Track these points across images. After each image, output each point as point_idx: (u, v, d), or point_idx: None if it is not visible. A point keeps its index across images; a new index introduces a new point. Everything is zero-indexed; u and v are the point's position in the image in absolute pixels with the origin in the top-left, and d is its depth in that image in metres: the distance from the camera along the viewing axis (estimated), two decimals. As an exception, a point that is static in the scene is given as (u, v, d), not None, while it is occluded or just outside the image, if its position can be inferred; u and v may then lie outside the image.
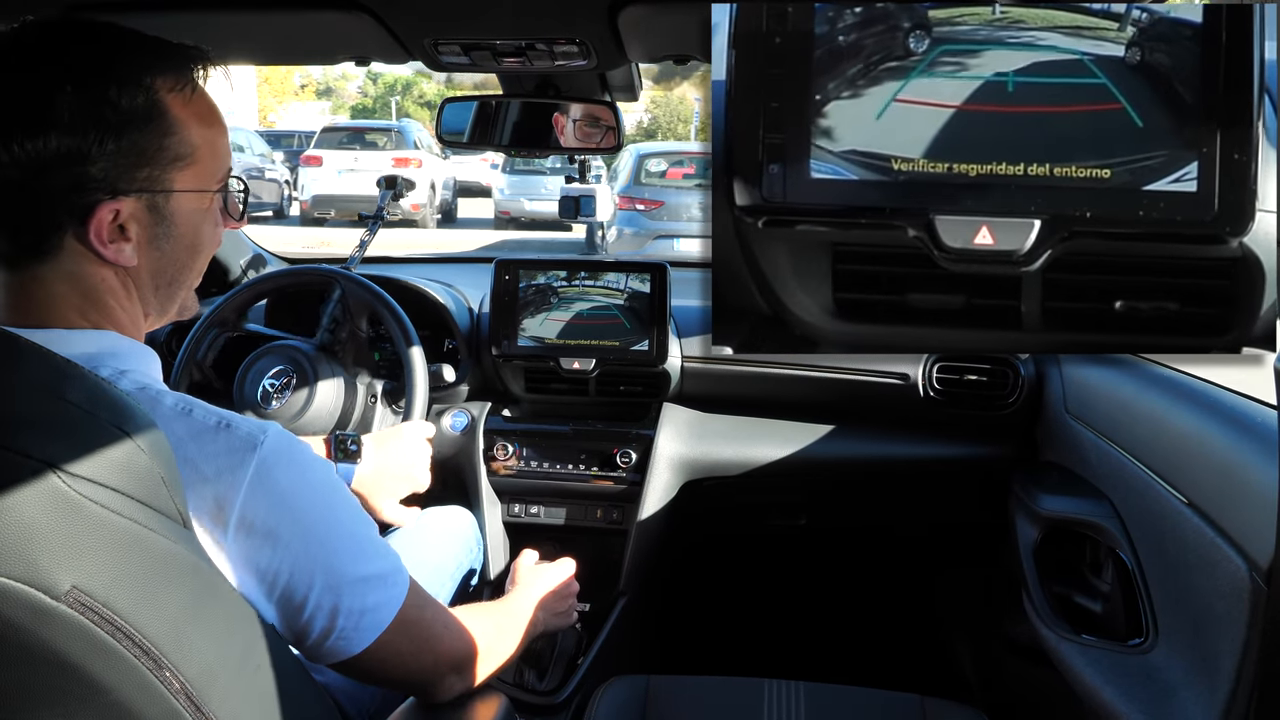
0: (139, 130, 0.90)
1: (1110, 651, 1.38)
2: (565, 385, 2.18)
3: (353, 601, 0.95)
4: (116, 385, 0.85)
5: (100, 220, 0.89)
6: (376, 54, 1.57)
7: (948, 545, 2.43)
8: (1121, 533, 1.45)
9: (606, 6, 1.28)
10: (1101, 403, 1.69)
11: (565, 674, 1.89)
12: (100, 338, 0.92)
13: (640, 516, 2.05)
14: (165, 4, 1.29)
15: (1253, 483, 1.13)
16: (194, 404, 0.90)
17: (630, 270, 2.10)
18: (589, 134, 1.83)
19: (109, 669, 0.69)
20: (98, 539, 0.68)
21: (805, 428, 2.14)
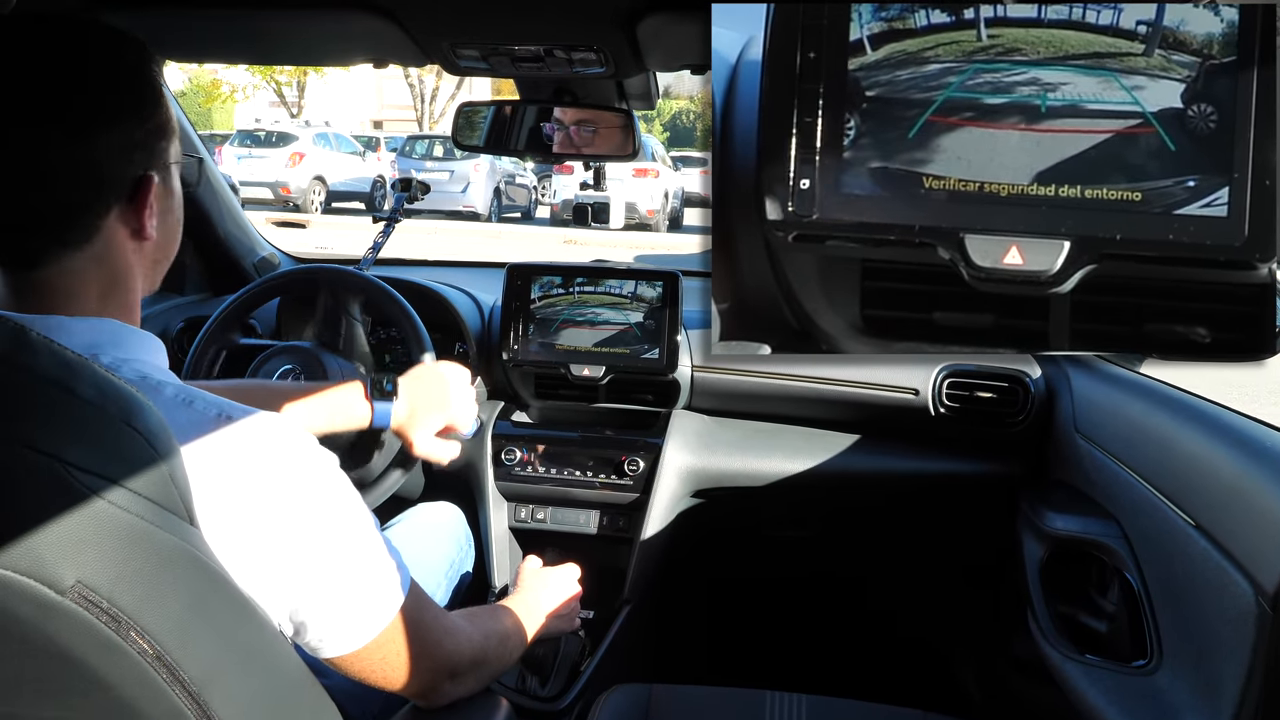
0: (158, 104, 0.94)
1: (1114, 672, 1.37)
2: (575, 392, 2.18)
3: (349, 597, 0.95)
4: (117, 374, 0.86)
5: (146, 193, 0.93)
6: (395, 57, 1.58)
7: (953, 561, 2.42)
8: (1128, 553, 1.45)
9: (625, 16, 1.28)
10: (1111, 422, 1.68)
11: (568, 681, 1.89)
12: (101, 325, 0.91)
13: (646, 525, 2.05)
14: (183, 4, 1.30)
15: (1261, 506, 1.12)
16: (195, 395, 0.90)
17: (642, 278, 2.10)
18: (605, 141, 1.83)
19: (112, 665, 0.69)
20: (103, 534, 0.68)
21: (813, 440, 2.14)
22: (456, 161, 15.45)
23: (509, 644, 1.30)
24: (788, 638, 2.60)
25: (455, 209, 15.39)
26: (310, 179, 16.34)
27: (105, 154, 0.89)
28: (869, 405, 2.07)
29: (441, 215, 15.07)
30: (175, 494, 0.76)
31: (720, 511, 2.22)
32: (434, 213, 14.96)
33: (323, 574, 0.92)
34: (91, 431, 0.70)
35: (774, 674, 2.36)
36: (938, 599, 2.56)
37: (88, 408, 0.70)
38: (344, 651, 0.97)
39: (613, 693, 1.51)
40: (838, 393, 2.08)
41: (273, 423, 0.91)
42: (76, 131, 0.87)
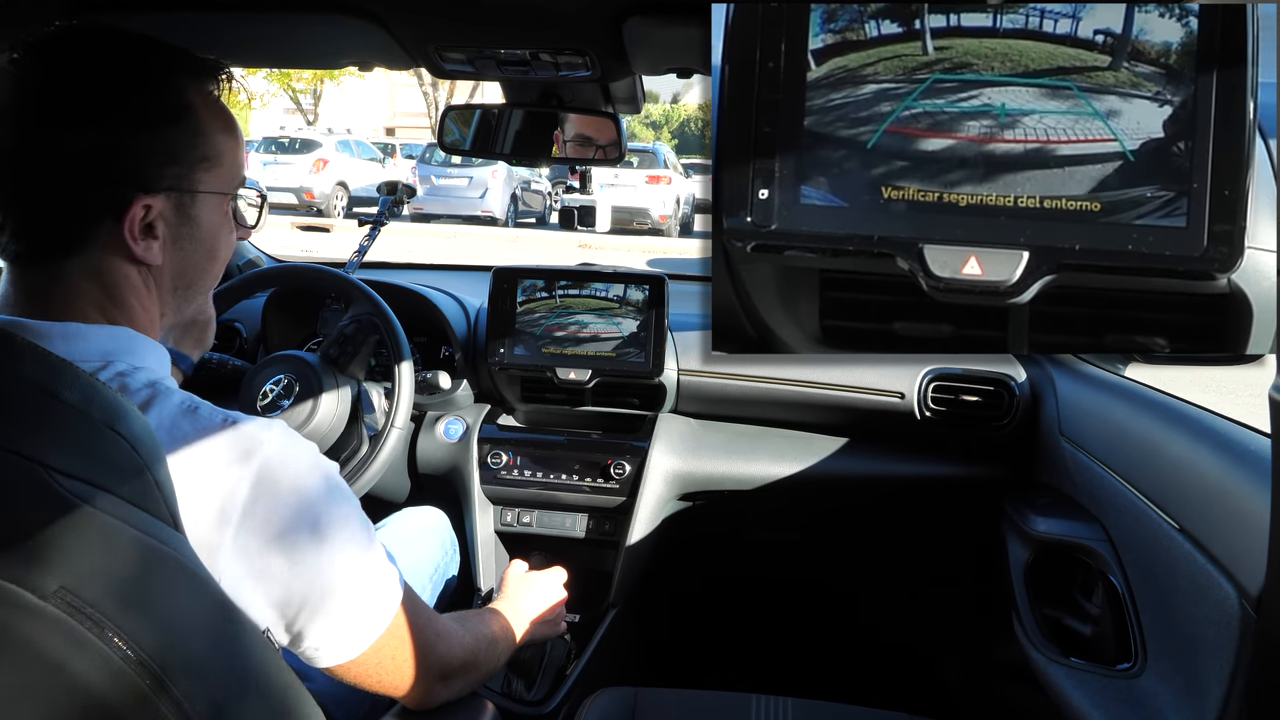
0: (170, 127, 0.94)
1: (1099, 675, 1.38)
2: (561, 395, 2.18)
3: (348, 605, 0.95)
4: (129, 381, 0.88)
5: (134, 214, 0.92)
6: (381, 60, 1.58)
7: (939, 564, 2.43)
8: (1113, 556, 1.45)
9: (610, 18, 1.28)
10: (1095, 426, 1.69)
11: (553, 685, 1.89)
12: (117, 334, 0.93)
13: (632, 529, 2.05)
14: (169, 5, 1.30)
15: (1244, 509, 1.13)
16: (200, 403, 0.91)
17: (629, 281, 2.10)
18: (591, 145, 1.83)
19: (95, 670, 0.68)
20: (87, 539, 0.67)
21: (800, 443, 2.14)
22: (475, 168, 15.72)
23: (497, 648, 1.30)
24: (773, 641, 2.61)
25: (474, 214, 15.78)
26: (333, 184, 16.74)
27: (92, 170, 0.90)
28: (855, 409, 2.08)
29: (460, 220, 15.55)
30: (160, 499, 0.75)
31: (706, 515, 2.22)
32: (453, 217, 15.52)
33: (323, 584, 0.92)
34: (76, 436, 0.69)
35: (760, 677, 2.36)
36: (923, 602, 2.56)
37: (72, 412, 0.70)
38: (342, 660, 0.97)
39: (598, 696, 1.51)
40: (824, 396, 2.09)
41: (275, 430, 0.92)
42: (60, 144, 0.89)
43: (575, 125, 1.81)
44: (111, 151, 0.91)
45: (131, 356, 0.93)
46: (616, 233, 14.76)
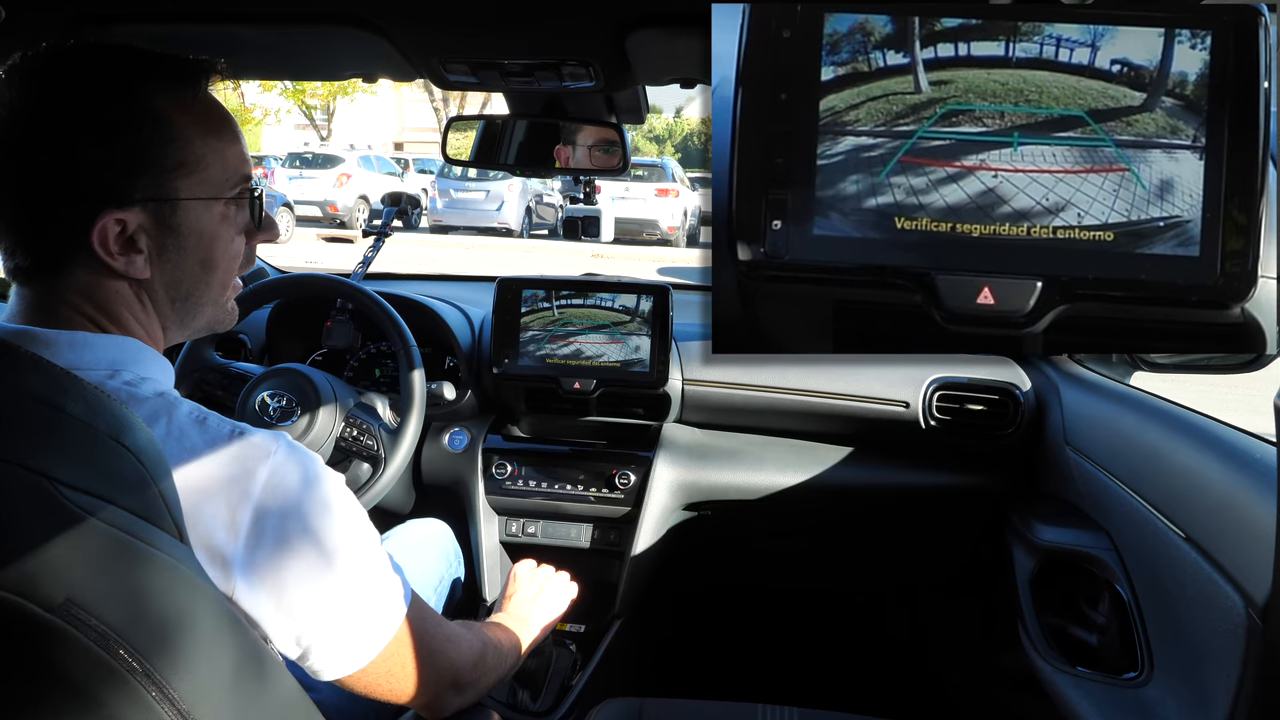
0: (132, 136, 0.90)
1: (1105, 684, 1.37)
2: (566, 405, 2.18)
3: (355, 614, 0.95)
4: (137, 390, 0.89)
5: (105, 231, 0.90)
6: (384, 71, 1.58)
7: (943, 574, 2.42)
8: (1119, 565, 1.45)
9: (615, 29, 1.29)
10: (1101, 435, 1.69)
11: (559, 695, 1.88)
12: (124, 343, 0.93)
13: (638, 539, 2.05)
14: (173, 17, 1.30)
15: (1250, 519, 1.13)
16: (208, 413, 0.91)
17: (633, 291, 2.10)
18: (595, 156, 1.84)
19: (101, 683, 0.68)
20: (92, 552, 0.67)
21: (805, 453, 2.14)
22: (492, 182, 16.20)
23: (506, 654, 1.30)
24: (779, 650, 2.60)
25: (490, 226, 16.19)
26: (355, 198, 17.22)
27: (48, 191, 0.89)
28: (860, 418, 2.08)
29: (477, 232, 16.04)
30: (165, 511, 0.75)
31: (712, 525, 2.22)
32: (470, 229, 16.07)
33: (330, 594, 0.92)
34: (81, 449, 0.70)
35: (765, 686, 2.36)
36: (928, 612, 2.56)
37: (77, 425, 0.70)
38: (350, 669, 0.97)
39: (604, 707, 1.50)
40: (829, 406, 2.08)
41: (283, 441, 0.92)
42: (14, 167, 0.89)
43: (579, 136, 1.81)
44: (70, 168, 0.88)
45: (138, 366, 0.93)
46: (627, 243, 15.12)
